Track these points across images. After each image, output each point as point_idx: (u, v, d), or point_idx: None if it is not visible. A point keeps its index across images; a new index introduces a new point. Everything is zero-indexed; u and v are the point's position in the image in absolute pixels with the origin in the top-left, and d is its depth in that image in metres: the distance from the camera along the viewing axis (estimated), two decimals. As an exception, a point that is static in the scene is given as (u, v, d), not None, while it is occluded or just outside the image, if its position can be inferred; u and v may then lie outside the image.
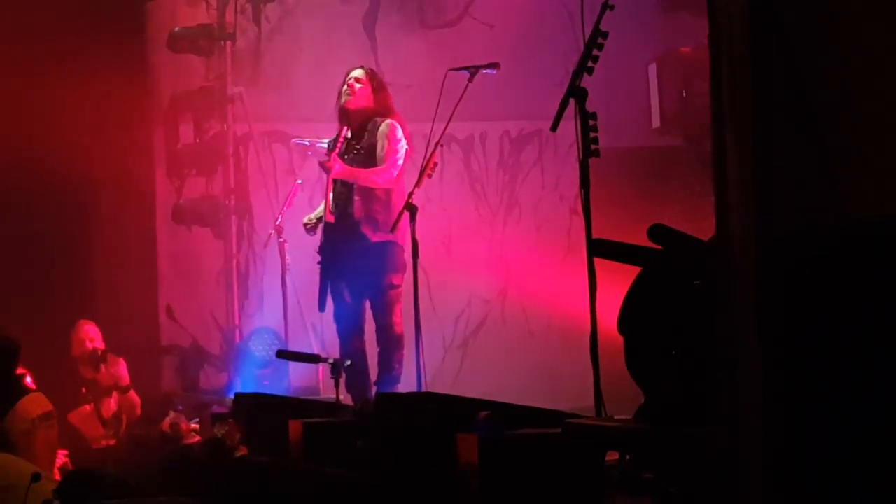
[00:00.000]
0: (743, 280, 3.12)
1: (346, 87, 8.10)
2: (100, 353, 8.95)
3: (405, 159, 8.00)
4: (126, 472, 6.19)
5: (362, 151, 7.99)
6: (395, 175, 7.93)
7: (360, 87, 8.08)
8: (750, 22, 3.10)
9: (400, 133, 7.98)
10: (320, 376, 9.38)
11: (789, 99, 3.10)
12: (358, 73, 8.14)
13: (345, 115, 8.12)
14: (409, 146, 8.02)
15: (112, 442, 8.74)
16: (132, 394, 8.98)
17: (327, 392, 8.43)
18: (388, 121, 8.02)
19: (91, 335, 9.09)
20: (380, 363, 7.92)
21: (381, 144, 7.95)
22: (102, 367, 8.90)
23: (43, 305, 9.87)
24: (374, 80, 8.18)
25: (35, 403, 6.90)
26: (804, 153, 3.09)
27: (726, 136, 3.23)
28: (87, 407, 8.95)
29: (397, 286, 7.87)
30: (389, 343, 7.88)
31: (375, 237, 7.84)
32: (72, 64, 9.89)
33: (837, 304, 2.91)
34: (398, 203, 7.77)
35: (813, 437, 2.87)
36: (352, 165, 7.96)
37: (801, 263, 3.00)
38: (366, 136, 8.00)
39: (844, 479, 2.84)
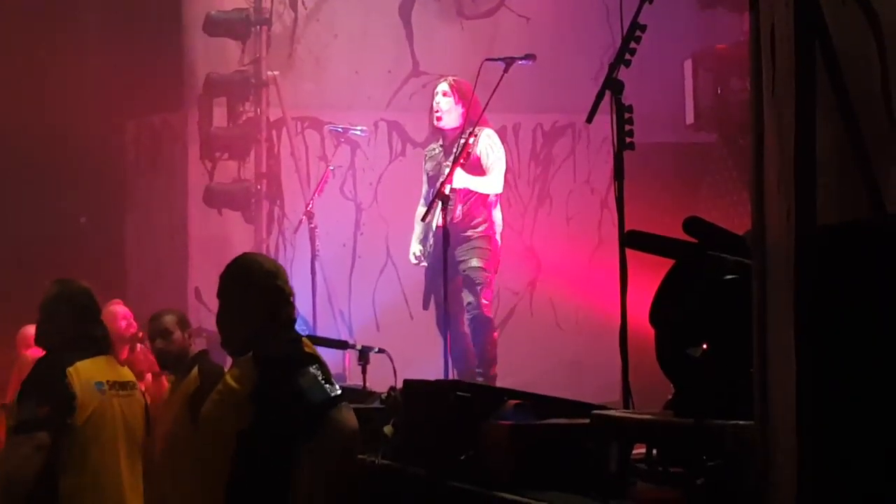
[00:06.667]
0: (778, 274, 3.11)
1: (434, 104, 8.20)
2: (136, 334, 8.84)
3: None
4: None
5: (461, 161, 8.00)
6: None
7: (447, 102, 8.14)
8: (793, 14, 3.09)
9: (499, 140, 8.20)
10: (347, 363, 9.37)
11: (830, 92, 3.09)
12: (443, 86, 8.19)
13: (439, 132, 8.30)
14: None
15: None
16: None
17: (354, 379, 8.42)
18: (487, 130, 8.14)
19: (124, 315, 9.01)
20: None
21: (486, 153, 8.10)
22: (139, 347, 8.76)
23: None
24: (459, 91, 8.23)
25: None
26: (843, 147, 3.07)
27: (765, 128, 3.22)
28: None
29: None
30: None
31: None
32: (108, 45, 9.93)
33: (874, 298, 2.89)
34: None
35: (847, 432, 2.86)
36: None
37: (837, 257, 2.98)
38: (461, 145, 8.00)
39: (878, 475, 2.83)
